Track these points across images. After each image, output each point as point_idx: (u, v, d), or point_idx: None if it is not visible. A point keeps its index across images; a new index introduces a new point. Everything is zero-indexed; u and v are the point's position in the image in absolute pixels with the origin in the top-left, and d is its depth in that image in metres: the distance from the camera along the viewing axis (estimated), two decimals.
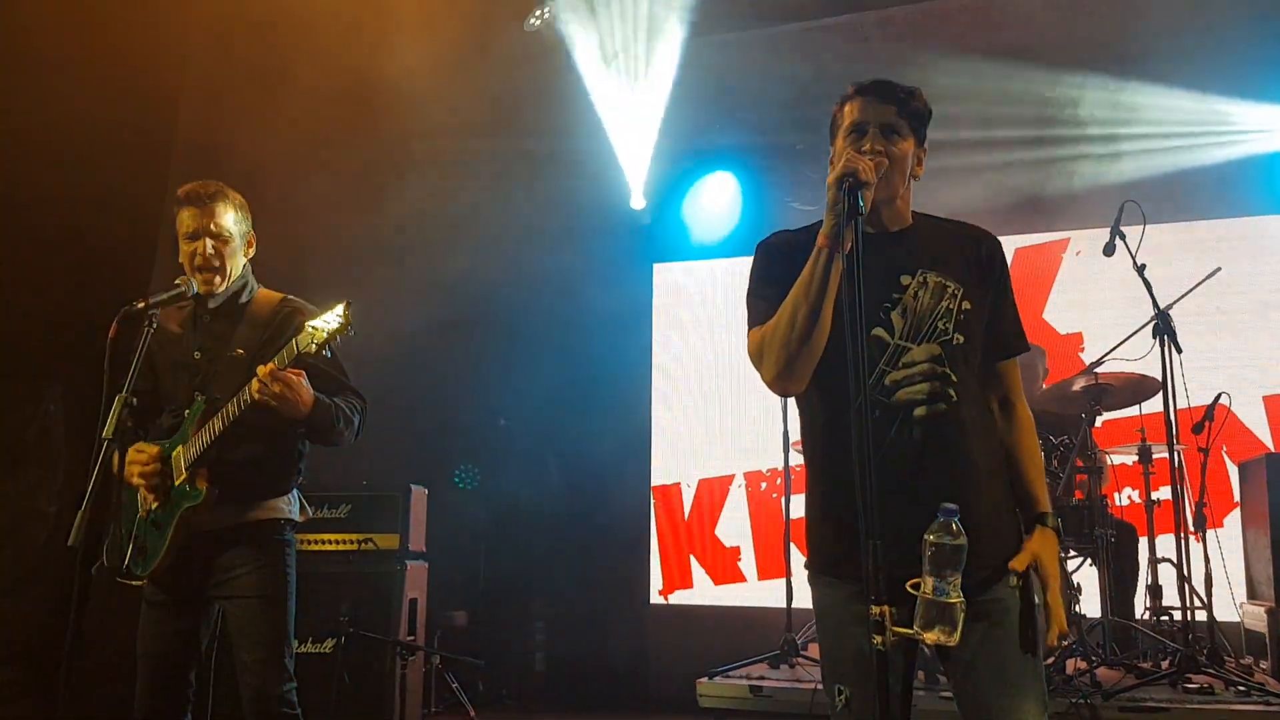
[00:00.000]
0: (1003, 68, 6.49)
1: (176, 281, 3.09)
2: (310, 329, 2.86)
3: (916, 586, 1.84)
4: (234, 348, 3.19)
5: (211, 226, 3.16)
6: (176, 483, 3.08)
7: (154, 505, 3.10)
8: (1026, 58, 6.55)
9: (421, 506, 5.69)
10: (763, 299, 2.27)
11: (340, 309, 2.85)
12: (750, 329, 2.28)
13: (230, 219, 3.20)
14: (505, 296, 7.33)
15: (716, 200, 7.70)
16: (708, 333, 7.68)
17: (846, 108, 2.32)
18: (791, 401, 2.43)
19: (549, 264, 7.10)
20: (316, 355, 2.89)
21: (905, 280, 2.22)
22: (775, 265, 2.30)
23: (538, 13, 5.87)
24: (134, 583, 3.12)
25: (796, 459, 5.45)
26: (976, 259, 2.32)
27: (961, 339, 2.20)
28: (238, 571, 3.12)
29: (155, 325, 2.98)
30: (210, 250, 3.16)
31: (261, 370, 2.90)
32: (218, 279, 3.20)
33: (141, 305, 2.93)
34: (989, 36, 6.57)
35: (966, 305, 2.22)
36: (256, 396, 2.92)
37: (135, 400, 2.85)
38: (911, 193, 2.35)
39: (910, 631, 1.83)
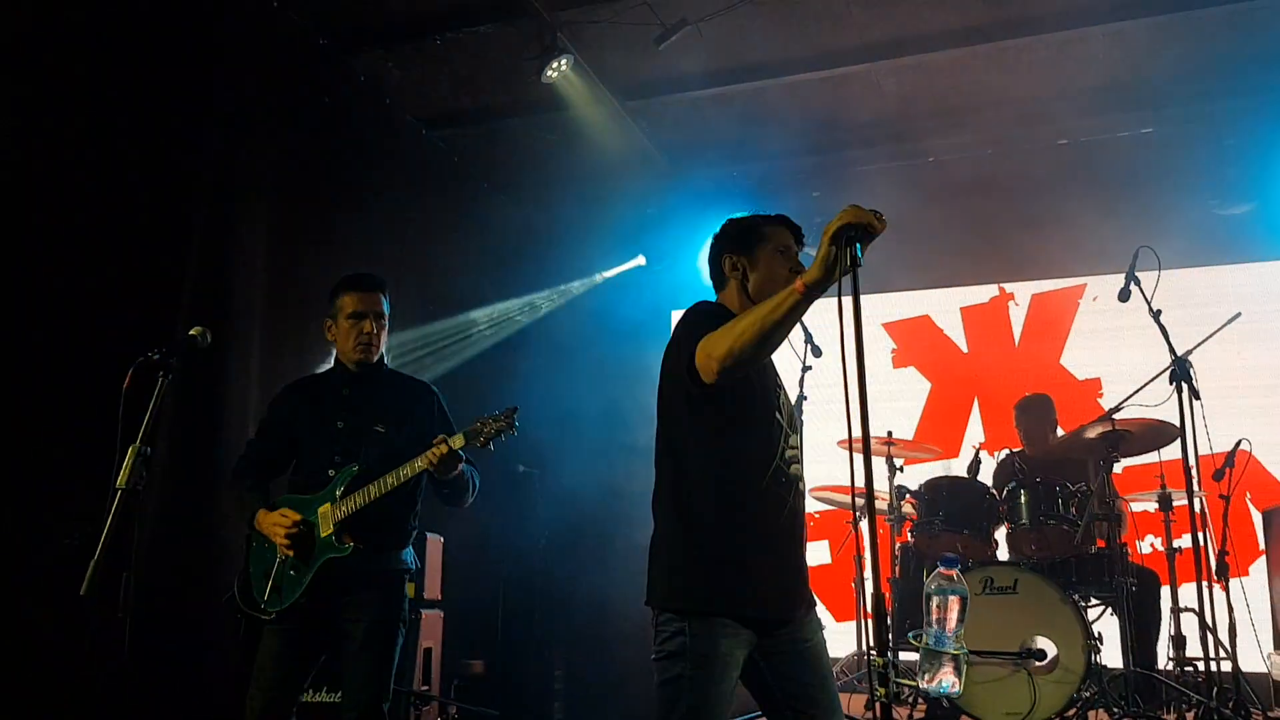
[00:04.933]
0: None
1: (191, 333, 3.12)
2: (478, 423, 3.31)
3: (918, 638, 1.83)
4: (375, 423, 3.58)
5: (375, 309, 3.64)
6: (322, 535, 3.41)
7: (290, 554, 3.41)
8: None
9: (437, 554, 5.68)
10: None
11: (509, 410, 3.31)
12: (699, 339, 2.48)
13: (386, 304, 3.68)
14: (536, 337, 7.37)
15: None
16: None
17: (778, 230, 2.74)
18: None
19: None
20: (481, 447, 3.30)
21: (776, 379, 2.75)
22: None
23: (554, 64, 5.94)
24: (264, 617, 3.41)
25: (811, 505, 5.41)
26: None
27: None
28: (361, 614, 3.40)
29: (171, 375, 3.01)
30: (374, 329, 3.63)
31: (454, 443, 3.30)
32: (373, 352, 3.65)
33: (156, 356, 2.99)
34: None
35: None
36: (427, 465, 3.31)
37: (149, 450, 2.89)
38: None
39: (913, 682, 1.82)
